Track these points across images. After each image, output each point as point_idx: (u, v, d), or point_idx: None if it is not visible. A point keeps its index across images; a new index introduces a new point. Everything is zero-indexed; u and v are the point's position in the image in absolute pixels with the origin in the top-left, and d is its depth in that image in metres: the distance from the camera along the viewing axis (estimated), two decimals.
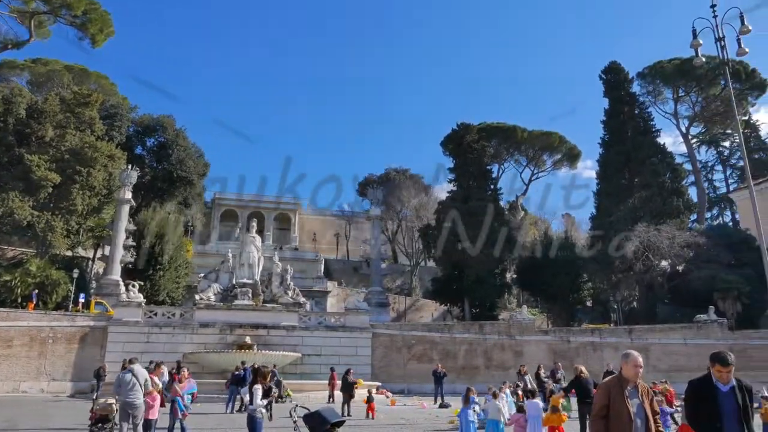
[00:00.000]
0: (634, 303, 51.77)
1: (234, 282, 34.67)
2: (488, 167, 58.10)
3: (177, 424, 13.09)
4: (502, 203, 58.16)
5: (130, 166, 39.42)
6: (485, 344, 35.05)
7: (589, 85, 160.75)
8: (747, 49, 23.74)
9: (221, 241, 63.99)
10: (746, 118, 63.13)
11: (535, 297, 58.73)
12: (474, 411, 12.01)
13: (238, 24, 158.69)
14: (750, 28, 22.63)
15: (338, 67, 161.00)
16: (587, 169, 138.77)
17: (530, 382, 21.24)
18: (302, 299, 36.26)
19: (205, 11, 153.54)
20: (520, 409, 12.13)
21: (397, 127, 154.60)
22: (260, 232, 52.81)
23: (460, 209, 50.71)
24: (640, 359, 4.83)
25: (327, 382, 24.66)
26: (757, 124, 66.11)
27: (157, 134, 52.48)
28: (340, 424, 7.53)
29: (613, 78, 54.12)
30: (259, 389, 8.95)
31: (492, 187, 55.96)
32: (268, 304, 34.16)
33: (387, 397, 26.98)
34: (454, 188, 54.59)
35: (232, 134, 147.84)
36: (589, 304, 54.81)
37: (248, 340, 30.79)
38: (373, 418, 18.45)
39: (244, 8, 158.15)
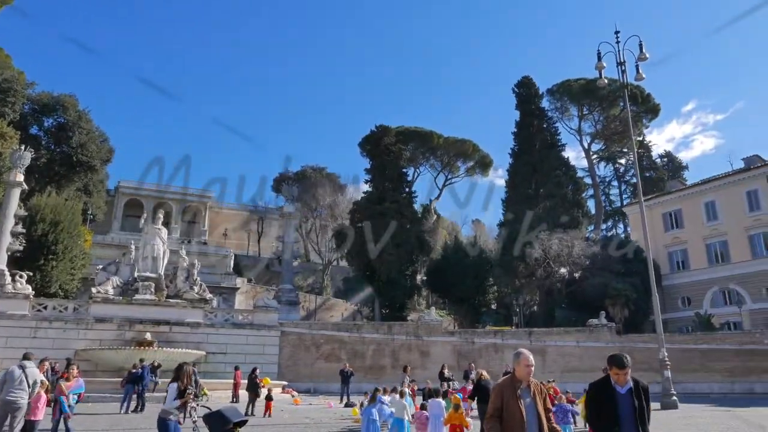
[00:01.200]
0: (535, 307, 54.51)
1: (136, 275, 32.90)
2: (404, 170, 59.03)
3: (62, 425, 12.24)
4: (416, 206, 59.26)
5: (23, 147, 36.26)
6: (393, 344, 35.53)
7: (504, 97, 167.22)
8: (644, 75, 25.80)
9: (124, 232, 60.54)
10: (641, 138, 68.32)
11: (444, 299, 60.34)
12: (377, 410, 12.13)
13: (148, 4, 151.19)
14: (647, 56, 24.60)
15: (261, 65, 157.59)
16: (498, 178, 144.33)
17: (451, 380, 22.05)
18: (209, 295, 35.07)
19: None
20: (423, 407, 12.43)
21: (317, 126, 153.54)
22: (167, 224, 50.54)
23: (375, 210, 51.19)
24: (531, 358, 4.89)
25: (231, 381, 23.97)
26: (649, 144, 71.87)
27: (56, 114, 48.65)
28: (242, 423, 7.27)
29: (525, 92, 56.70)
30: (174, 388, 8.05)
31: (407, 189, 56.90)
32: (171, 300, 32.74)
33: (293, 396, 26.67)
34: (370, 189, 54.99)
35: (151, 120, 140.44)
36: (493, 307, 57.06)
37: (149, 336, 29.34)
38: (270, 416, 18.29)
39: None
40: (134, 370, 20.14)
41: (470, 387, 15.50)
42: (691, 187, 52.38)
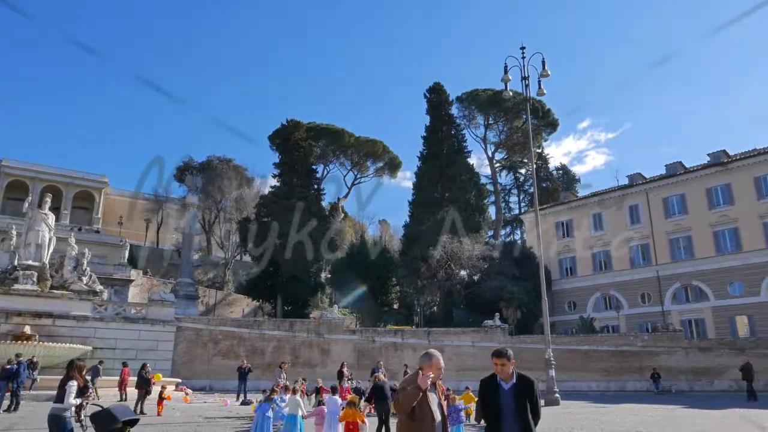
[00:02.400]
0: (435, 307, 56.13)
1: (16, 263, 30.27)
2: (314, 167, 58.78)
3: None
4: (324, 204, 59.15)
5: None
6: (294, 342, 35.25)
7: (416, 101, 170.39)
8: (545, 91, 27.36)
9: (5, 216, 55.55)
10: (539, 150, 72.39)
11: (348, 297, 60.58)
12: (273, 408, 12.08)
13: None
14: (549, 72, 26.13)
15: (173, 50, 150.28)
16: (406, 180, 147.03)
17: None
18: (99, 287, 33.00)
19: None
20: (321, 404, 12.54)
21: (225, 116, 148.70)
22: (56, 209, 46.96)
23: (282, 205, 50.54)
24: (442, 361, 4.97)
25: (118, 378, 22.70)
26: (547, 157, 76.19)
27: None
28: (132, 422, 6.94)
29: (436, 98, 58.26)
30: (74, 386, 7.77)
31: (316, 186, 56.69)
32: (56, 291, 30.45)
33: (186, 394, 25.73)
34: (278, 184, 54.23)
35: (47, 97, 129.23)
36: (396, 306, 58.08)
37: (28, 330, 27.12)
38: (159, 415, 17.63)
39: None
40: (9, 366, 18.57)
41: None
42: (581, 199, 56.23)
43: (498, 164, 72.18)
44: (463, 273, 48.08)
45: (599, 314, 49.26)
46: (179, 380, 28.93)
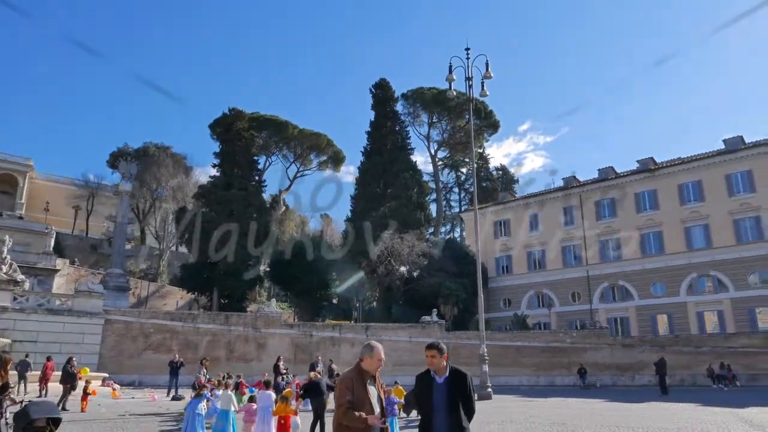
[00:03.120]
0: (375, 303, 56.43)
1: None
2: (255, 158, 57.66)
3: None
4: (265, 196, 58.20)
5: None
6: (230, 335, 34.58)
7: (362, 96, 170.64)
8: (488, 92, 27.90)
9: None
10: (481, 150, 73.94)
11: (286, 291, 59.96)
12: (205, 404, 11.82)
13: None
14: (492, 75, 26.68)
15: (114, 37, 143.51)
16: (349, 174, 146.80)
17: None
18: (20, 276, 31.29)
19: None
20: (252, 399, 12.40)
21: (165, 101, 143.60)
22: None
23: (221, 196, 49.40)
24: (383, 353, 4.97)
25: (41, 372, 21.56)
26: (488, 157, 77.95)
27: None
28: (56, 421, 6.49)
29: (382, 94, 58.37)
30: None
31: (257, 178, 55.70)
32: None
33: (114, 389, 24.74)
34: (218, 174, 52.94)
35: None
36: (335, 301, 57.95)
37: None
38: (83, 411, 16.92)
39: None
40: None
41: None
42: (519, 200, 57.87)
43: (440, 162, 73.14)
44: (403, 269, 48.50)
45: (532, 311, 50.91)
46: (106, 375, 27.84)
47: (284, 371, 22.28)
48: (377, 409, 4.78)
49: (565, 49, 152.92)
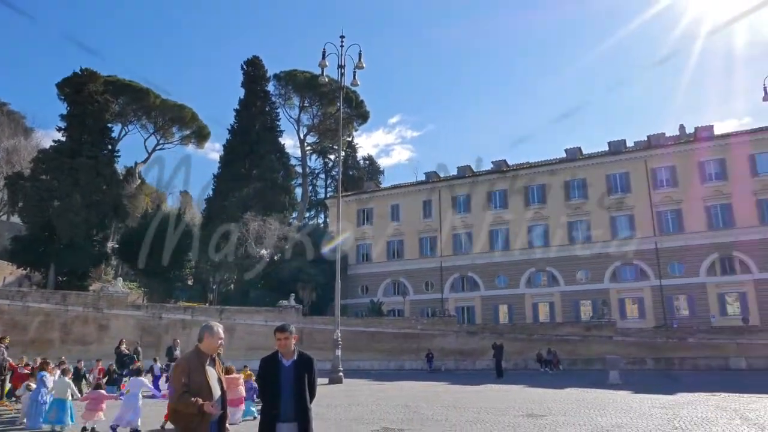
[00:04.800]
0: (232, 285, 54.95)
1: None
2: (109, 125, 53.17)
3: None
4: (118, 167, 54.02)
5: None
6: (66, 316, 31.80)
7: (232, 72, 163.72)
8: (359, 82, 28.34)
9: None
10: (350, 139, 74.80)
11: (136, 270, 56.28)
12: (46, 390, 10.98)
13: None
14: (364, 65, 27.11)
15: None
16: (214, 152, 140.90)
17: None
18: None
19: None
20: (98, 387, 11.77)
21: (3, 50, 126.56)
22: None
23: (65, 163, 45.02)
24: (223, 332, 4.94)
25: None
26: (356, 146, 79.06)
27: None
28: None
29: (253, 72, 56.74)
30: None
31: (109, 147, 51.48)
32: None
33: None
34: (63, 138, 48.09)
35: None
36: (190, 282, 55.55)
37: None
38: None
39: None
40: None
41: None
42: (383, 190, 59.56)
43: (309, 148, 72.85)
44: (264, 252, 47.80)
45: (388, 299, 52.80)
46: None
47: (127, 353, 20.97)
48: (218, 392, 4.76)
49: (438, 49, 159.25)
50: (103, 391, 11.61)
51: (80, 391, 14.74)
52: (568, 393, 18.84)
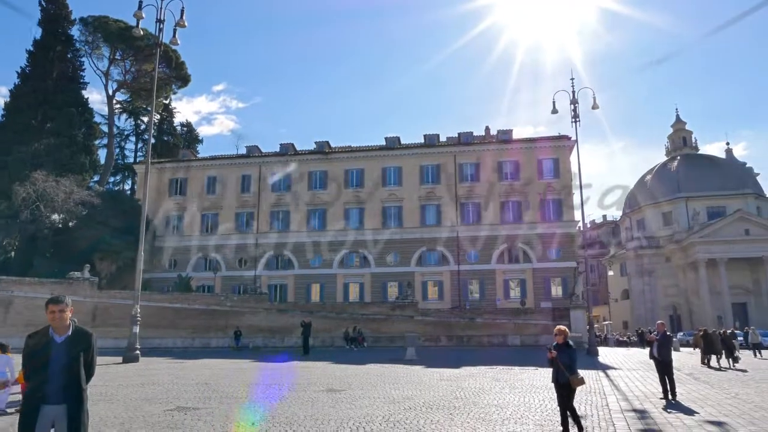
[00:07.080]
0: (13, 253, 48.02)
1: None
2: None
3: None
4: None
5: None
6: None
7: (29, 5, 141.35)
8: (179, 41, 26.48)
9: None
10: (167, 102, 69.41)
11: None
12: None
13: None
14: (186, 24, 25.34)
15: None
16: None
17: None
18: None
19: None
20: None
21: None
22: None
23: None
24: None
25: None
26: (174, 110, 73.41)
27: None
28: None
29: (54, 10, 49.85)
30: None
31: None
32: None
33: None
34: None
35: None
36: None
37: None
38: None
39: None
40: None
41: None
42: (200, 160, 56.60)
43: (119, 106, 66.16)
44: (55, 217, 42.57)
45: (198, 274, 50.55)
46: None
47: None
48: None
49: (278, 24, 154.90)
50: None
51: None
52: (368, 369, 19.86)
